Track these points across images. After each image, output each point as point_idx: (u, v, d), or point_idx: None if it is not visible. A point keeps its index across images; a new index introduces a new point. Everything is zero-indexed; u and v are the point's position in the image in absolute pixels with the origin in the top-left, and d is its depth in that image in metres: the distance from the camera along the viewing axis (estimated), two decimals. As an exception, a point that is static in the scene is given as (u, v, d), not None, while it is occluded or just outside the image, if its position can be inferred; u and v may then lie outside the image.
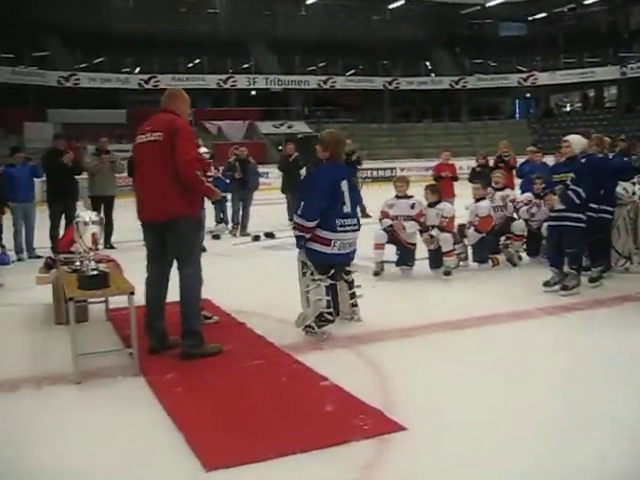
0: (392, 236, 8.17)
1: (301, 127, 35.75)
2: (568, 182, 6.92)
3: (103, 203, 11.49)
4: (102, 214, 11.36)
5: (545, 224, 7.88)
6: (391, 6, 40.14)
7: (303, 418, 3.95)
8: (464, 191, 10.46)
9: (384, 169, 31.48)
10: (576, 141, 7.22)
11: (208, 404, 4.24)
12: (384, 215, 8.33)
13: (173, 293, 5.33)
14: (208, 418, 3.99)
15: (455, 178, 12.68)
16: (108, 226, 11.57)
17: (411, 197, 8.33)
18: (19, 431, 3.92)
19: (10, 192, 10.41)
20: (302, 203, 5.77)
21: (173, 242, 5.22)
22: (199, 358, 5.10)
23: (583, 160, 7.13)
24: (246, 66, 38.12)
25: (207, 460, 3.41)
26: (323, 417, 3.96)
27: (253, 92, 38.29)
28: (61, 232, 10.06)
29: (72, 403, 4.38)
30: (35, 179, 11.06)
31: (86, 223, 4.94)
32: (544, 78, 40.06)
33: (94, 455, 3.60)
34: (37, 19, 32.63)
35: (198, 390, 4.53)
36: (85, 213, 5.10)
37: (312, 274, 5.78)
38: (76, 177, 11.06)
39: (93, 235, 4.96)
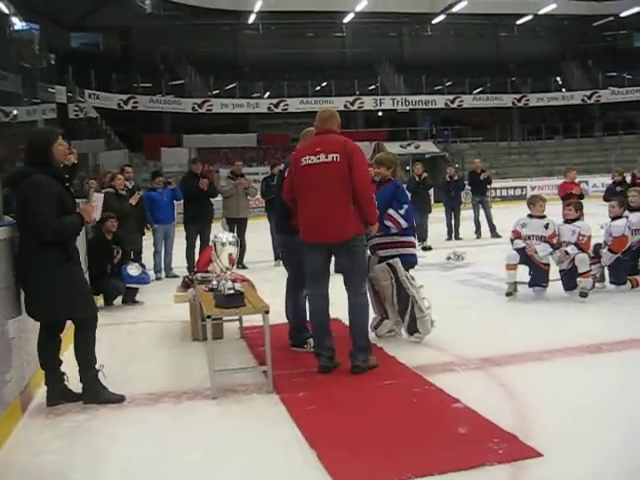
0: (525, 256, 7.97)
1: (428, 147, 35.56)
2: None
3: (236, 224, 11.87)
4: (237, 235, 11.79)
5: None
6: (519, 22, 39.33)
7: (436, 440, 3.92)
8: (599, 209, 10.10)
9: (514, 188, 30.76)
10: None
11: (341, 423, 4.28)
12: (516, 235, 8.14)
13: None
14: (341, 437, 4.02)
15: (582, 196, 12.20)
16: (241, 247, 11.92)
17: (544, 217, 8.11)
18: (157, 444, 4.09)
19: (151, 214, 10.96)
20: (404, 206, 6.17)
21: (349, 261, 5.35)
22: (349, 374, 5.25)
23: None
24: (372, 87, 38.38)
25: (340, 479, 3.44)
26: (456, 440, 3.91)
27: (380, 113, 38.46)
28: (196, 252, 10.49)
29: (209, 418, 4.52)
30: (175, 202, 11.55)
31: (224, 244, 5.13)
32: (683, 89, 38.04)
33: (229, 471, 3.70)
34: (173, 50, 34.36)
35: (331, 409, 4.58)
36: (223, 234, 5.30)
37: (413, 279, 6.14)
38: (211, 200, 11.51)
39: (230, 255, 5.14)
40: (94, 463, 3.90)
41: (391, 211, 6.09)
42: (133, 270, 8.70)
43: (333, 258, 5.52)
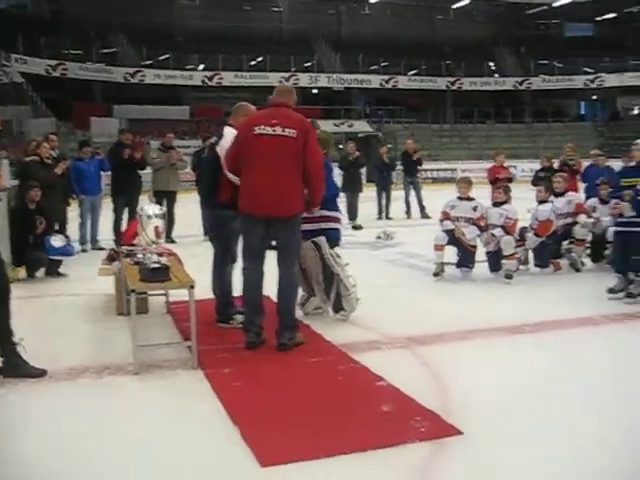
0: (453, 237, 8.08)
1: (362, 126, 35.67)
2: (639, 187, 6.74)
3: (166, 198, 11.66)
4: (164, 208, 11.59)
5: (610, 229, 7.67)
6: (455, 5, 39.70)
7: (358, 418, 3.93)
8: (527, 194, 10.30)
9: (445, 170, 31.17)
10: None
11: (265, 399, 4.25)
12: (445, 216, 8.25)
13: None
14: (264, 414, 4.00)
15: (510, 180, 12.43)
16: (170, 221, 11.76)
17: (473, 199, 8.23)
18: (76, 421, 3.98)
19: (78, 185, 10.67)
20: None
21: (286, 238, 5.32)
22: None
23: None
24: (308, 64, 38.23)
25: (262, 456, 3.42)
26: (378, 417, 3.93)
27: (315, 90, 38.36)
28: (124, 225, 10.27)
29: (131, 393, 4.45)
30: (102, 172, 11.26)
31: (149, 217, 5.02)
32: (611, 80, 39.02)
33: (149, 447, 3.64)
34: (105, 17, 33.38)
35: (256, 385, 4.55)
36: (149, 207, 5.18)
37: (338, 257, 6.18)
38: (140, 172, 11.27)
39: (156, 228, 5.03)
40: (7, 441, 3.76)
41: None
42: (57, 242, 8.45)
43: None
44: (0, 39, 27.87)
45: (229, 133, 5.75)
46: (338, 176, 15.46)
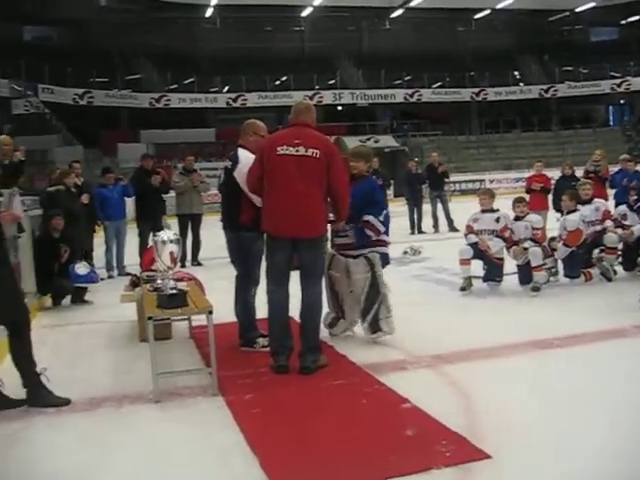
0: (478, 251, 7.93)
1: (388, 141, 35.60)
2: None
3: (190, 221, 11.68)
4: (190, 232, 11.60)
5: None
6: (477, 16, 39.62)
7: (382, 444, 3.78)
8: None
9: (473, 181, 30.91)
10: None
11: (285, 427, 4.14)
12: (469, 230, 8.11)
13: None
14: (285, 442, 3.89)
15: (548, 190, 12.22)
16: (195, 243, 11.77)
17: (496, 211, 8.08)
18: (95, 452, 3.91)
19: (102, 211, 10.71)
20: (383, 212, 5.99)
21: (311, 259, 5.23)
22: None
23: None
24: (332, 82, 38.31)
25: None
26: (403, 442, 3.79)
27: (339, 107, 38.38)
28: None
29: (149, 423, 4.36)
30: (126, 198, 11.30)
31: (164, 242, 4.95)
32: (638, 83, 38.56)
33: (167, 477, 3.55)
34: (129, 44, 33.82)
35: (276, 412, 4.43)
36: (164, 232, 5.12)
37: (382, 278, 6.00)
38: (164, 196, 11.28)
39: (171, 254, 4.96)
40: (25, 476, 3.70)
41: (371, 218, 5.86)
42: (81, 269, 8.45)
43: None
44: (27, 70, 28.37)
45: (245, 156, 5.70)
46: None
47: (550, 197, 11.91)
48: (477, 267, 8.14)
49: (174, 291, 4.91)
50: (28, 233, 8.39)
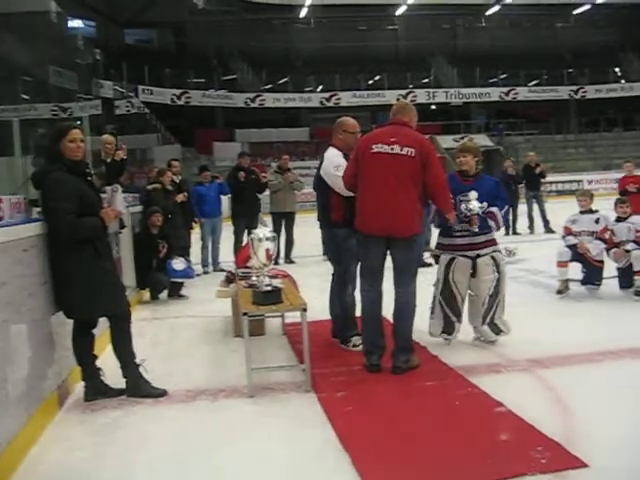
0: (577, 253, 7.70)
1: (482, 141, 34.98)
2: None
3: (284, 219, 11.84)
4: (283, 230, 11.75)
5: None
6: (576, 11, 38.44)
7: (475, 448, 3.73)
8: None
9: (570, 182, 30.03)
10: None
11: (377, 426, 4.13)
12: (567, 232, 7.89)
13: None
14: (376, 441, 3.88)
15: (641, 191, 11.80)
16: (289, 241, 11.92)
17: (596, 212, 7.84)
18: (188, 444, 3.99)
19: (198, 209, 10.98)
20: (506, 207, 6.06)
21: (405, 258, 5.21)
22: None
23: None
24: (426, 80, 38.00)
25: (374, 485, 3.31)
26: (497, 447, 3.73)
27: (433, 106, 38.01)
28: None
29: (244, 417, 4.42)
30: (222, 196, 11.53)
31: (260, 239, 5.02)
32: None
33: (256, 474, 3.60)
34: (225, 45, 34.54)
35: (368, 411, 4.42)
36: (260, 229, 5.19)
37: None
38: (259, 194, 11.46)
39: (267, 251, 5.03)
40: (123, 462, 3.83)
41: (496, 210, 5.78)
42: (178, 264, 8.69)
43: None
44: (129, 72, 29.35)
45: (330, 156, 5.76)
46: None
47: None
48: (575, 270, 7.90)
49: (269, 288, 4.98)
50: (129, 229, 8.69)
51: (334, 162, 5.68)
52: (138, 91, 30.85)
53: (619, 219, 7.86)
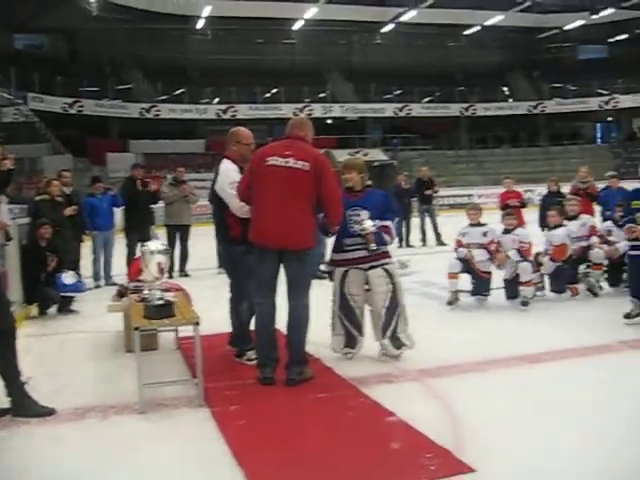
0: (467, 265, 7.96)
1: (377, 155, 35.69)
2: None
3: (179, 232, 11.68)
4: (178, 242, 11.59)
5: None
6: (467, 32, 39.85)
7: (367, 456, 3.80)
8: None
9: (461, 196, 31.01)
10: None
11: (271, 439, 4.14)
12: (458, 244, 8.16)
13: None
14: (270, 453, 3.89)
15: (523, 205, 12.34)
16: (183, 254, 11.76)
17: (484, 225, 8.14)
18: (79, 463, 3.88)
19: (90, 221, 10.68)
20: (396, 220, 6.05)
21: (297, 271, 5.22)
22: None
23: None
24: (322, 95, 38.43)
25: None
26: (388, 456, 3.80)
27: (329, 120, 38.46)
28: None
29: (135, 434, 4.33)
30: (115, 208, 11.28)
31: (152, 252, 4.94)
32: (626, 101, 38.86)
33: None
34: (120, 54, 33.85)
35: (261, 424, 4.42)
36: (152, 242, 5.12)
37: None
38: (152, 206, 11.27)
39: (159, 264, 4.96)
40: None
41: (390, 223, 5.82)
42: (68, 278, 8.42)
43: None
44: (17, 79, 28.29)
45: (224, 169, 5.72)
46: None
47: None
48: (465, 281, 8.17)
49: (161, 302, 4.91)
50: (16, 241, 8.37)
51: (229, 178, 5.60)
52: (27, 98, 29.76)
53: (506, 231, 8.18)
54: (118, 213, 11.48)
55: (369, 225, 5.66)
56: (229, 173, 5.65)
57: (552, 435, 4.02)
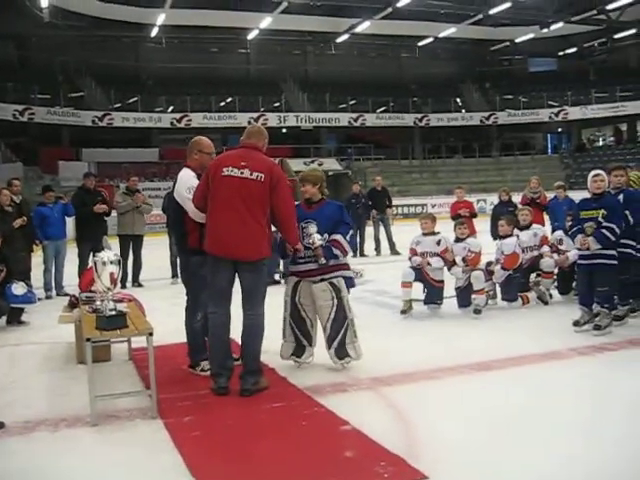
0: (420, 274, 8.05)
1: (332, 165, 35.83)
2: (600, 219, 6.73)
3: (132, 242, 11.56)
4: (131, 252, 11.47)
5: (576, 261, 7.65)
6: (420, 44, 40.31)
7: (322, 465, 3.81)
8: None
9: (415, 205, 31.36)
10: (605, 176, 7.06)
11: (225, 450, 4.12)
12: (412, 253, 8.23)
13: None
14: (224, 465, 3.88)
15: (474, 215, 12.52)
16: (136, 264, 11.64)
17: (437, 234, 8.23)
18: (29, 478, 3.82)
19: (41, 230, 10.52)
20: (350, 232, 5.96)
21: (252, 281, 5.24)
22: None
23: (620, 196, 6.99)
24: (277, 104, 38.47)
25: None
26: (342, 464, 3.82)
27: (284, 130, 38.51)
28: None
29: (87, 447, 4.28)
30: (66, 218, 11.12)
31: (104, 263, 4.90)
32: (575, 113, 39.76)
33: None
34: (73, 61, 33.41)
35: (216, 434, 4.41)
36: (104, 252, 5.06)
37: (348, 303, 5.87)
38: (105, 217, 11.15)
39: (111, 275, 4.91)
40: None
41: (340, 237, 5.80)
42: (18, 289, 8.25)
43: None
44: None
45: (183, 177, 5.70)
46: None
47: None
48: (418, 290, 8.25)
49: (113, 312, 4.86)
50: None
51: (187, 183, 5.59)
52: (-25, 105, 29.23)
53: (457, 240, 8.30)
54: (70, 223, 11.30)
55: (317, 239, 5.67)
56: (187, 179, 5.63)
57: (503, 441, 4.09)
